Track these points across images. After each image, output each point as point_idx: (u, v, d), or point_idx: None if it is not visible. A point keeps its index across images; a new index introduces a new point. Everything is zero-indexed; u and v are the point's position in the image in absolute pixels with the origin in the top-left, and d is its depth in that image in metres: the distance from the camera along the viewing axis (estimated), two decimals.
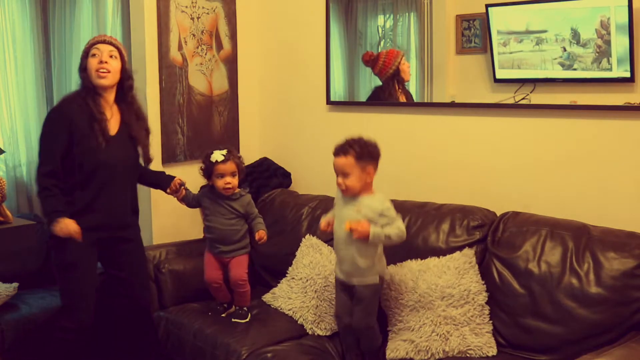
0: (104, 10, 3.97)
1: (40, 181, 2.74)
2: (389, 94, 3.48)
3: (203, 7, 3.74)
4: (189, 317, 3.08)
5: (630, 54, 2.63)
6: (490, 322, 2.60)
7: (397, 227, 2.53)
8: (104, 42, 2.83)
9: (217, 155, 3.02)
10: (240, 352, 2.76)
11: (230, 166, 3.01)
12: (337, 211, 2.66)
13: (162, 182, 3.14)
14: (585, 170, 2.78)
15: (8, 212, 3.53)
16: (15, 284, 3.27)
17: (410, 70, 3.41)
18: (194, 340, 2.96)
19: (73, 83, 4.00)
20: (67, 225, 2.68)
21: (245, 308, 3.04)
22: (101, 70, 2.79)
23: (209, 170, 3.05)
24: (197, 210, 3.80)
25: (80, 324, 2.84)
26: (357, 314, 2.61)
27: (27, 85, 3.94)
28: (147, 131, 2.99)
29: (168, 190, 3.12)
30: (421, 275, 2.70)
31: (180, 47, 3.65)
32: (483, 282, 2.65)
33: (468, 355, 2.51)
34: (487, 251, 2.78)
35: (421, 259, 2.81)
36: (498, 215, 2.86)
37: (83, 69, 2.84)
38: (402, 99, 3.44)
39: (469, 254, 2.66)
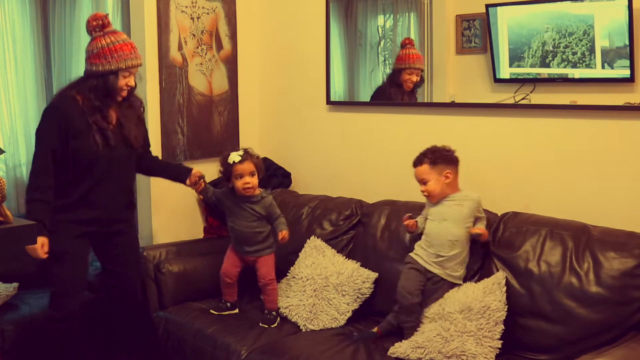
0: (104, 10, 3.97)
1: (32, 178, 2.73)
2: (389, 90, 3.48)
3: (203, 7, 3.74)
4: (189, 317, 3.07)
5: (630, 54, 2.63)
6: (500, 340, 2.48)
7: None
8: (139, 65, 2.82)
9: (234, 156, 3.01)
10: (240, 352, 2.76)
11: (248, 166, 3.00)
12: (432, 213, 2.77)
13: (180, 174, 3.13)
14: (585, 170, 2.78)
15: (8, 212, 3.52)
16: (15, 284, 3.27)
17: (420, 83, 3.38)
18: (194, 340, 2.96)
19: None
20: (36, 250, 2.63)
21: (274, 312, 3.02)
22: (125, 92, 2.82)
23: (228, 172, 3.04)
24: (197, 210, 3.80)
25: (67, 313, 2.84)
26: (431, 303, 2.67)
27: (27, 85, 3.93)
28: (140, 120, 2.97)
29: (187, 182, 3.11)
30: (453, 294, 2.66)
31: (180, 47, 3.65)
32: (506, 303, 2.55)
33: (461, 358, 2.46)
34: (487, 251, 2.78)
35: None
36: (499, 215, 2.86)
37: (105, 78, 2.76)
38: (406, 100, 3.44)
39: (499, 277, 2.60)
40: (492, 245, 2.77)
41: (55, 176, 2.76)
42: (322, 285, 3.03)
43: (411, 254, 2.79)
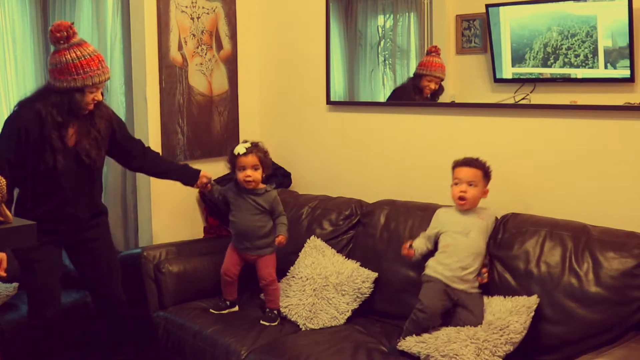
0: (104, 10, 3.97)
1: None
2: (411, 91, 3.46)
3: (203, 7, 3.74)
4: (189, 317, 3.07)
5: (630, 54, 2.63)
6: (500, 358, 2.41)
7: None
8: (106, 80, 2.71)
9: (240, 148, 3.02)
10: (240, 352, 2.76)
11: (251, 159, 3.00)
12: (455, 226, 2.72)
13: (187, 177, 3.12)
14: (585, 170, 2.78)
15: (8, 212, 3.52)
16: (15, 284, 3.27)
17: (439, 91, 3.33)
18: (194, 340, 2.96)
19: None
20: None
21: (275, 311, 3.02)
22: (91, 106, 2.71)
23: (232, 163, 3.06)
24: (197, 210, 3.80)
25: (45, 320, 2.81)
26: (464, 315, 2.59)
27: (27, 85, 3.94)
28: (98, 137, 2.81)
29: (195, 186, 3.12)
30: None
31: (180, 47, 3.65)
32: (527, 328, 2.45)
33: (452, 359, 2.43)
34: (487, 252, 2.79)
35: None
36: (498, 216, 2.86)
37: (71, 94, 2.63)
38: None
39: (532, 300, 2.52)
40: (492, 246, 2.77)
41: (18, 186, 2.71)
42: (321, 285, 3.03)
43: (429, 272, 2.71)
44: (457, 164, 2.76)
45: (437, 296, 2.62)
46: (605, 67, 2.74)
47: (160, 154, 3.53)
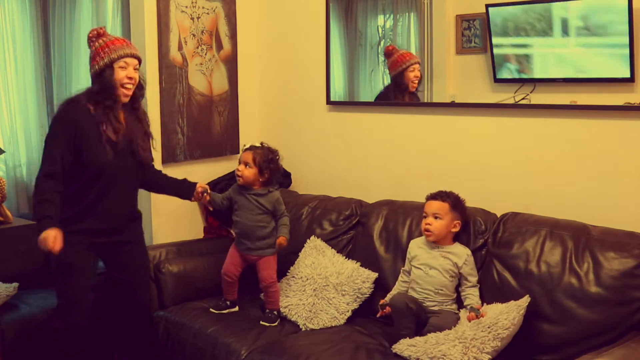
0: (104, 10, 3.97)
1: (39, 182, 2.72)
2: (393, 95, 3.48)
3: (203, 7, 3.74)
4: (189, 317, 3.07)
5: (630, 54, 2.63)
6: (488, 355, 2.38)
7: (477, 296, 2.70)
8: (132, 56, 2.80)
9: (247, 144, 3.09)
10: (240, 351, 2.76)
11: (246, 155, 3.03)
12: (420, 260, 2.78)
13: (184, 192, 3.15)
14: (585, 170, 2.78)
15: (8, 212, 3.53)
16: (15, 284, 3.27)
17: (421, 79, 3.37)
18: (194, 340, 2.96)
19: (73, 83, 4.01)
20: (47, 239, 2.58)
21: (275, 312, 3.03)
22: (127, 86, 2.79)
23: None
24: (197, 210, 3.80)
25: (72, 325, 2.82)
26: (434, 321, 2.64)
27: (27, 85, 3.94)
28: (147, 135, 2.97)
29: (192, 199, 3.16)
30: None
31: (180, 47, 3.65)
32: (516, 324, 2.43)
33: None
34: (487, 252, 2.79)
35: None
36: (498, 216, 2.86)
37: (105, 74, 2.76)
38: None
39: (523, 300, 2.50)
40: (491, 246, 2.77)
41: (64, 185, 2.75)
42: (322, 285, 3.03)
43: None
44: (427, 198, 2.82)
45: (402, 298, 2.70)
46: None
47: (160, 154, 3.53)
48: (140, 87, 2.90)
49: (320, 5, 3.68)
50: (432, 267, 2.73)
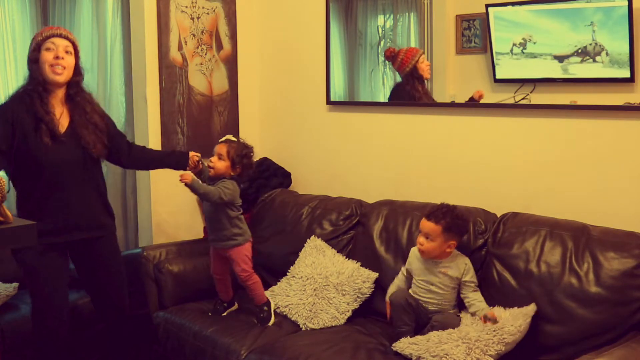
0: (104, 10, 3.97)
1: None
2: (408, 91, 3.46)
3: (203, 7, 3.74)
4: (189, 317, 3.07)
5: (630, 54, 2.63)
6: (492, 359, 2.38)
7: (481, 300, 2.66)
8: (59, 35, 2.68)
9: (224, 138, 3.04)
10: (240, 352, 2.76)
11: (220, 147, 2.97)
12: (419, 276, 2.74)
13: (178, 161, 3.06)
14: (585, 170, 2.78)
15: (8, 212, 3.52)
16: (15, 284, 3.27)
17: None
18: (194, 340, 2.96)
19: None
20: None
21: (265, 307, 2.99)
22: (57, 67, 2.66)
23: None
24: (197, 210, 3.81)
25: (48, 329, 2.75)
26: (438, 317, 2.64)
27: None
28: (96, 126, 2.80)
29: (188, 168, 3.05)
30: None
31: (180, 47, 3.65)
32: (521, 332, 2.43)
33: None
34: (487, 252, 2.79)
35: None
36: (498, 216, 2.86)
37: (34, 60, 2.66)
38: (424, 97, 3.42)
39: (530, 308, 2.49)
40: (491, 246, 2.77)
41: (14, 182, 2.67)
42: (322, 285, 3.03)
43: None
44: (424, 215, 2.72)
45: (402, 294, 2.73)
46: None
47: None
48: (77, 74, 2.76)
49: (320, 5, 3.68)
50: (432, 283, 2.70)
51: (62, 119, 2.74)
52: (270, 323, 2.96)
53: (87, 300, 3.15)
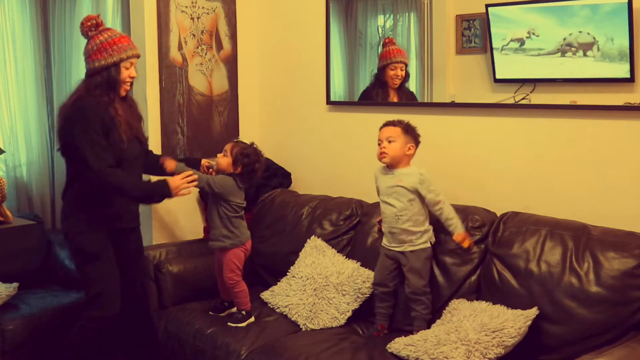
0: (104, 10, 3.97)
1: (110, 180, 2.71)
2: (374, 92, 3.49)
3: (203, 7, 3.74)
4: (189, 317, 3.07)
5: (630, 54, 2.63)
6: None
7: (448, 206, 2.79)
8: (137, 56, 2.85)
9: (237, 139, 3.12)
10: (240, 351, 2.76)
11: (227, 145, 3.04)
12: (380, 186, 2.89)
13: (192, 166, 3.11)
14: (585, 170, 2.78)
15: (8, 212, 3.53)
16: (15, 284, 3.27)
17: (406, 79, 3.42)
18: (194, 340, 2.96)
19: (73, 83, 4.01)
20: (179, 187, 2.77)
21: (243, 312, 3.00)
22: (129, 83, 2.84)
23: None
24: (197, 210, 3.81)
25: (109, 311, 2.86)
26: (411, 280, 2.78)
27: (27, 85, 3.94)
28: (140, 119, 2.98)
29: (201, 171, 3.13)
30: (477, 316, 2.57)
31: (180, 47, 3.65)
32: (521, 334, 2.42)
33: None
34: (487, 251, 2.79)
35: None
36: (498, 215, 2.86)
37: (108, 71, 2.76)
38: (394, 98, 3.44)
39: (531, 312, 2.48)
40: (492, 245, 2.77)
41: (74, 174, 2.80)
42: (322, 285, 3.03)
43: (383, 242, 2.90)
44: (382, 126, 2.89)
45: (382, 268, 2.88)
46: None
47: (160, 154, 3.52)
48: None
49: (320, 5, 3.68)
50: (389, 194, 2.81)
51: (118, 110, 2.85)
52: (242, 325, 2.96)
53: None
